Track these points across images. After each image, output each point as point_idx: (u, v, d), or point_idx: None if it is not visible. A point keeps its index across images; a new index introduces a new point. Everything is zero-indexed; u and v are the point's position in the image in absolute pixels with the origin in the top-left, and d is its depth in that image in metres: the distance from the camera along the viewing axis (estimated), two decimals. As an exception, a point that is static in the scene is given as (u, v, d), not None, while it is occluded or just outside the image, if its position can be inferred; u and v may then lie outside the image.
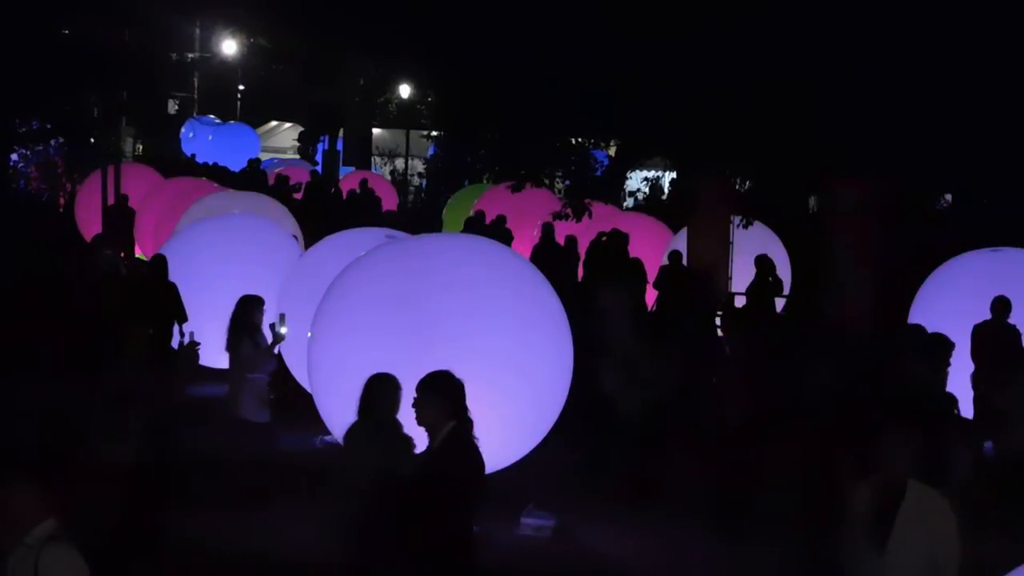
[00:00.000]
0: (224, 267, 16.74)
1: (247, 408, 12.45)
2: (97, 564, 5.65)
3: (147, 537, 9.64)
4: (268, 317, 12.89)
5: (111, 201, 25.39)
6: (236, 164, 38.76)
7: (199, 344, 10.42)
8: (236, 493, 11.96)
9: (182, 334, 15.98)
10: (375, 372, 8.44)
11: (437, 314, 10.36)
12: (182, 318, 16.11)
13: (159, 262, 16.56)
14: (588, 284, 20.49)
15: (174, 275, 16.33)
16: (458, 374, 7.47)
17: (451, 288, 10.54)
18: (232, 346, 12.64)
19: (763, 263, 19.04)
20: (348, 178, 37.66)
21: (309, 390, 13.89)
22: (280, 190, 30.07)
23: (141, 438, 9.60)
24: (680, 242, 21.29)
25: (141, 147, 45.87)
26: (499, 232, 22.13)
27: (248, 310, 12.70)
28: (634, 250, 21.86)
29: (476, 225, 23.75)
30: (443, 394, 7.31)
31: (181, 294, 16.24)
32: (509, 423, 10.18)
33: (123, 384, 9.68)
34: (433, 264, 10.81)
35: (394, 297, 10.57)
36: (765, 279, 18.99)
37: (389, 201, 33.61)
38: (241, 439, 12.47)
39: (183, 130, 47.12)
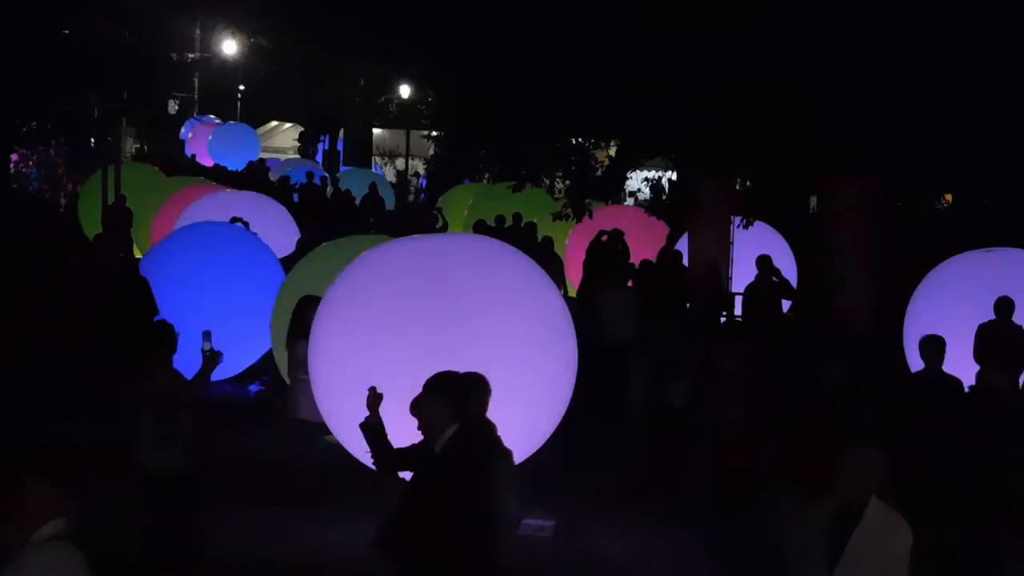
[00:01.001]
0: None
1: (305, 408, 12.26)
2: (118, 569, 5.61)
3: (184, 545, 9.58)
4: None
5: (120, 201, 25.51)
6: (236, 164, 38.78)
7: (221, 354, 10.28)
8: (259, 494, 12.05)
9: None
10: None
11: (441, 316, 10.33)
12: (155, 312, 16.20)
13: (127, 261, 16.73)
14: (589, 285, 20.45)
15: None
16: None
17: (456, 290, 10.51)
18: (289, 347, 12.56)
19: (764, 263, 18.91)
20: (347, 175, 37.72)
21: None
22: (282, 190, 30.17)
23: (187, 446, 9.57)
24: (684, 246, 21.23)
25: (137, 147, 45.81)
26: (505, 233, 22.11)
27: (305, 310, 12.42)
28: (634, 248, 21.88)
29: (485, 226, 23.68)
30: (447, 395, 7.26)
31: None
32: (515, 425, 10.17)
33: (168, 390, 9.57)
34: (437, 266, 10.79)
35: (398, 299, 10.54)
36: (766, 279, 18.86)
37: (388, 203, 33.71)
38: (298, 440, 12.48)
39: (183, 130, 47.11)
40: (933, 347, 11.16)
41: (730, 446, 10.89)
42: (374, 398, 7.73)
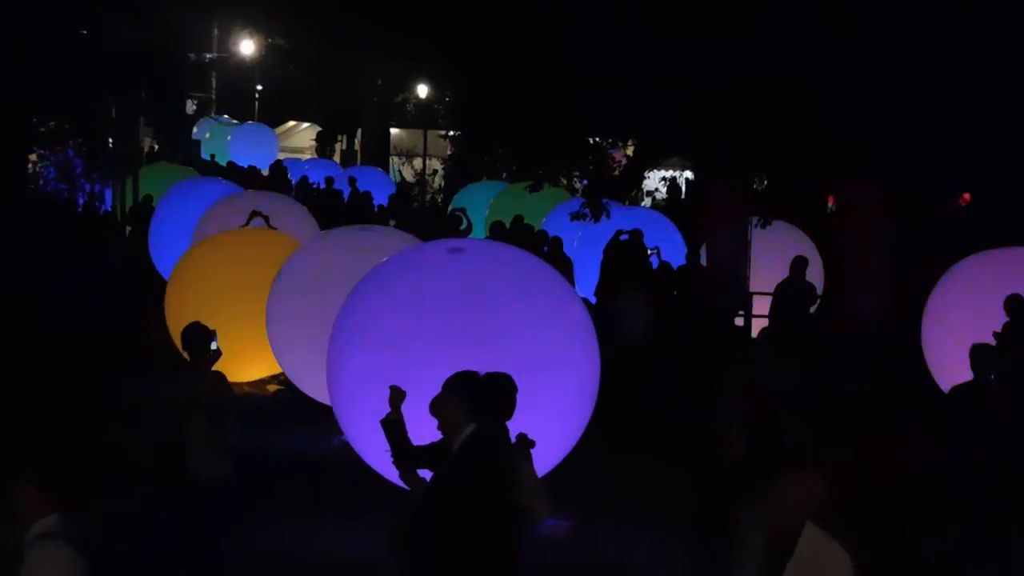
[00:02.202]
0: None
1: None
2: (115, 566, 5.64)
3: (210, 550, 9.63)
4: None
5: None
6: (253, 164, 38.86)
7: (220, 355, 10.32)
8: (274, 494, 12.12)
9: None
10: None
11: (462, 324, 10.34)
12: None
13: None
14: (607, 287, 20.38)
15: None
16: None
17: (476, 298, 10.52)
18: None
19: (798, 265, 18.60)
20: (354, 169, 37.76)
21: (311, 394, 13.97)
22: (302, 190, 30.34)
23: (233, 451, 9.60)
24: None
25: (158, 147, 45.87)
26: (520, 235, 22.07)
27: None
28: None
29: (500, 229, 23.59)
30: (460, 394, 7.26)
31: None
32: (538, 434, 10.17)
33: (217, 395, 9.59)
34: (457, 274, 10.80)
35: (417, 307, 10.55)
36: (797, 281, 18.54)
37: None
38: (313, 440, 12.50)
39: (195, 130, 47.14)
40: (984, 357, 10.67)
41: (726, 460, 10.82)
42: (396, 395, 7.79)
